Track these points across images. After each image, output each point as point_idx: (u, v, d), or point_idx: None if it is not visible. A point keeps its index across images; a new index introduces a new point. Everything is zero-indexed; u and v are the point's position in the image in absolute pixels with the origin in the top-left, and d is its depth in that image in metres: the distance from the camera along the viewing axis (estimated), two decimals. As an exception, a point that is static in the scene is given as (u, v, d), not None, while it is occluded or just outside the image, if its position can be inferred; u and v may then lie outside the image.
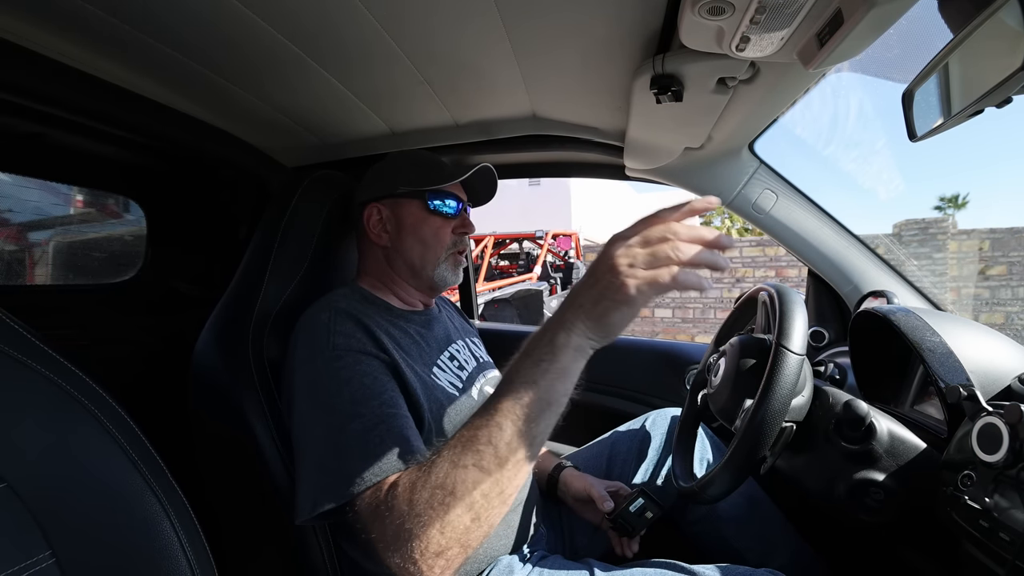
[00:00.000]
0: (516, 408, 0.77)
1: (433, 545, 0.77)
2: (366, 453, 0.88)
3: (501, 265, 9.71)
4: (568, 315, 0.77)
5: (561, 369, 0.77)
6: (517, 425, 0.76)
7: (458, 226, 1.27)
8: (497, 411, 0.77)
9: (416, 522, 0.77)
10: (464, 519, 0.77)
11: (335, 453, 0.91)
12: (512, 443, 0.77)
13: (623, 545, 1.28)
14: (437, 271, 1.25)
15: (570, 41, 1.08)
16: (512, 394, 0.77)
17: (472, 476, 0.77)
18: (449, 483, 0.77)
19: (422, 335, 1.20)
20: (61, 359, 0.66)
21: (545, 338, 0.78)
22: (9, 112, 1.22)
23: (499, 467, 0.77)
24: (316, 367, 1.00)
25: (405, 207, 1.24)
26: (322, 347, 1.02)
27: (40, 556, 0.59)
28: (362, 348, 1.03)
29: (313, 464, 0.93)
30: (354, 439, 0.91)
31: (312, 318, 1.09)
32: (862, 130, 37.44)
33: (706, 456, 1.38)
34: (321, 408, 0.96)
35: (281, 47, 1.08)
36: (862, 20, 0.69)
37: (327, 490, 0.89)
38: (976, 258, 8.69)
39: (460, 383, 1.18)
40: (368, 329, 1.06)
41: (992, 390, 0.87)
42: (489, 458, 0.77)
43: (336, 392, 0.96)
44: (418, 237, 1.23)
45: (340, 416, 0.93)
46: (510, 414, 0.77)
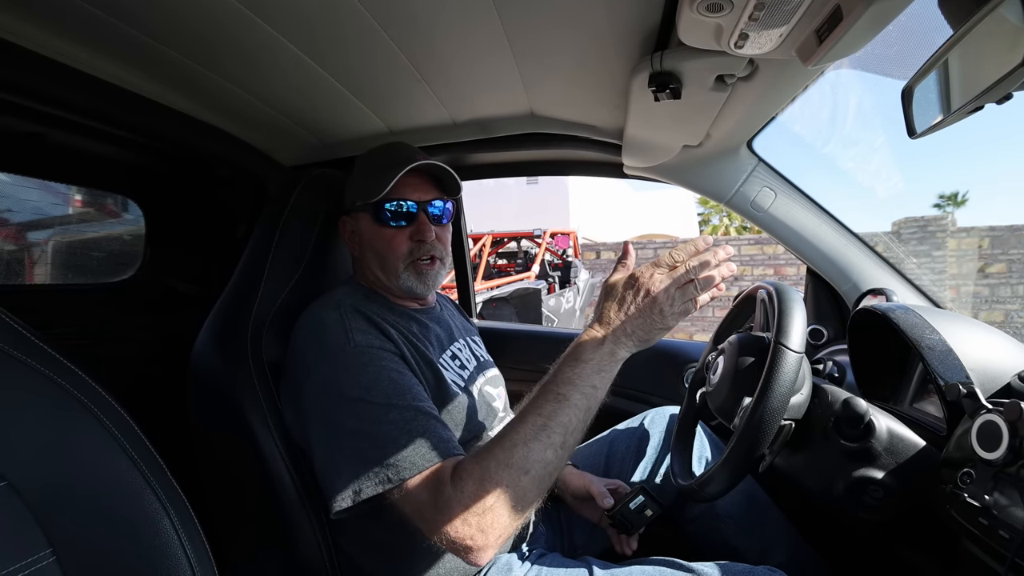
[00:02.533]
0: (582, 403, 0.91)
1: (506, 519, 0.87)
2: (412, 441, 0.93)
3: (499, 264, 9.70)
4: (622, 339, 0.94)
5: (611, 377, 0.95)
6: (580, 417, 0.92)
7: (413, 233, 1.21)
8: (567, 405, 0.91)
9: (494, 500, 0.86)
10: (532, 495, 0.89)
11: (376, 443, 0.94)
12: (576, 431, 0.92)
13: (622, 542, 1.28)
14: (400, 282, 1.20)
15: (568, 38, 1.08)
16: (579, 393, 0.91)
17: (548, 458, 0.89)
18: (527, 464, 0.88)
19: (424, 332, 1.20)
20: (61, 358, 0.66)
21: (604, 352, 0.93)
22: (8, 112, 1.21)
23: (564, 451, 0.91)
24: (339, 363, 1.01)
25: (361, 221, 1.23)
26: (342, 344, 1.03)
27: (41, 554, 0.59)
28: (382, 345, 1.05)
29: (350, 456, 0.95)
30: (396, 428, 0.94)
31: (320, 316, 1.09)
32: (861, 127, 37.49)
33: (705, 454, 1.38)
34: (352, 402, 0.97)
35: (279, 46, 1.08)
36: (861, 16, 0.69)
37: (372, 478, 0.92)
38: (975, 256, 8.71)
39: (461, 381, 1.18)
40: (380, 326, 1.08)
41: (991, 388, 0.87)
42: (558, 444, 0.90)
43: (367, 386, 0.98)
44: (374, 251, 1.21)
45: (376, 408, 0.96)
46: (577, 408, 0.91)
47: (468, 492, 0.86)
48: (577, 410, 0.91)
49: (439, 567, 1.09)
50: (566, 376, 0.93)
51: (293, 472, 1.10)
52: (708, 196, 1.62)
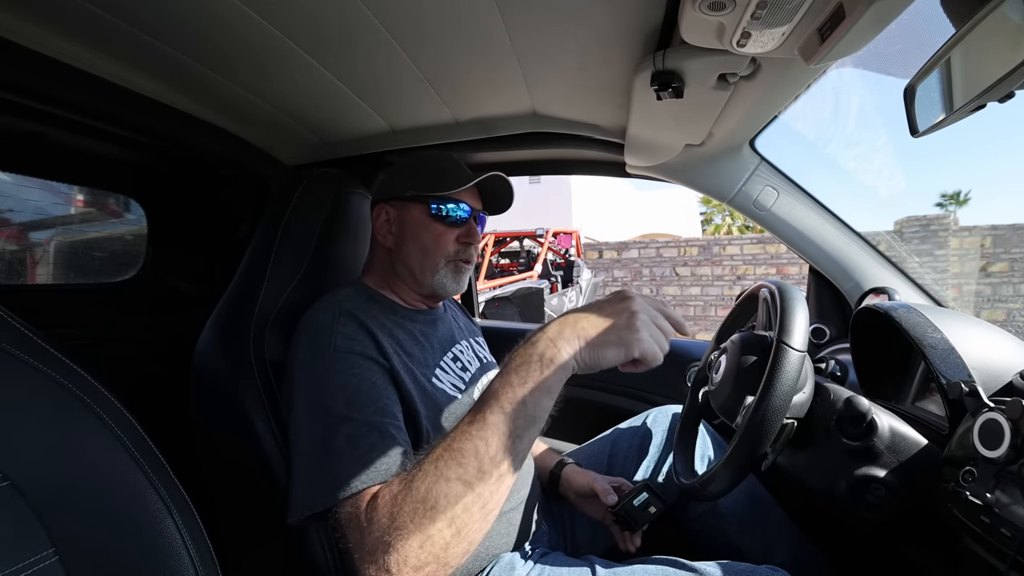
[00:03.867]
0: (503, 423, 0.78)
1: (412, 559, 0.76)
2: (354, 459, 0.89)
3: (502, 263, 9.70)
4: (566, 334, 0.81)
5: (548, 386, 0.79)
6: (502, 440, 0.77)
7: (463, 234, 1.23)
8: (484, 425, 0.78)
9: (396, 535, 0.76)
10: (445, 534, 0.77)
11: (325, 456, 0.91)
12: (496, 457, 0.77)
13: (625, 540, 1.28)
14: (436, 278, 1.21)
15: (570, 37, 1.08)
16: (499, 409, 0.78)
17: (455, 490, 0.77)
18: (432, 497, 0.77)
19: (425, 335, 1.19)
20: (63, 358, 0.66)
21: (535, 353, 0.80)
22: (9, 111, 1.22)
23: (482, 481, 0.77)
24: (315, 367, 1.00)
25: (409, 210, 1.22)
26: (323, 347, 1.02)
27: (44, 554, 0.59)
28: (363, 351, 1.02)
29: (305, 465, 0.94)
30: (344, 443, 0.91)
31: (315, 318, 1.09)
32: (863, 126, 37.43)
33: (707, 453, 1.38)
34: (317, 408, 0.96)
35: (281, 45, 1.08)
36: (863, 15, 0.69)
37: (316, 492, 0.89)
38: (978, 255, 8.69)
39: (463, 384, 1.18)
40: (371, 332, 1.06)
41: (994, 386, 0.87)
42: (472, 472, 0.77)
43: (332, 393, 0.96)
44: (418, 242, 1.21)
45: (333, 418, 0.93)
46: (496, 429, 0.78)
47: (375, 525, 0.79)
48: (496, 431, 0.77)
49: None
50: (489, 389, 0.82)
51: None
52: (711, 195, 1.62)
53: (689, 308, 10.62)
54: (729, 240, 10.53)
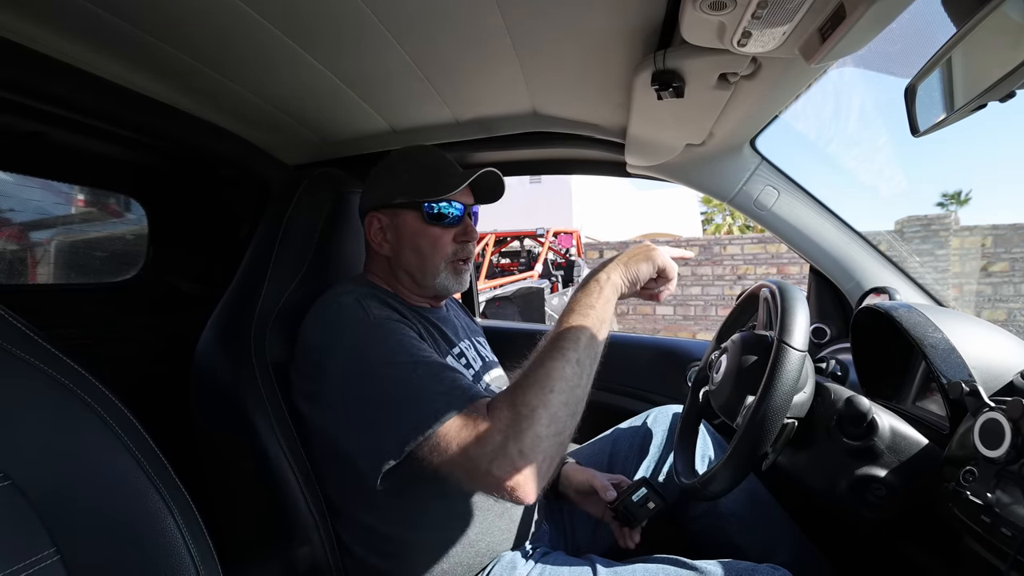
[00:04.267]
0: (587, 323, 0.97)
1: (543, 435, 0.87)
2: (443, 388, 0.95)
3: (502, 263, 9.71)
4: (608, 266, 1.05)
5: (607, 297, 1.01)
6: (587, 335, 0.96)
7: (459, 234, 1.23)
8: (572, 326, 0.96)
9: (525, 421, 0.86)
10: (563, 413, 0.90)
11: (408, 398, 0.94)
12: (587, 348, 0.95)
13: (625, 536, 1.28)
14: (438, 281, 1.22)
15: (570, 37, 1.08)
16: (581, 316, 0.98)
17: (568, 371, 0.91)
18: (549, 380, 0.90)
19: (432, 330, 1.20)
20: (64, 357, 0.66)
21: (591, 280, 1.04)
22: (10, 111, 1.22)
23: (580, 367, 0.93)
24: (360, 337, 1.03)
25: (403, 217, 1.21)
26: (361, 319, 1.05)
27: (45, 553, 0.59)
28: (399, 319, 1.08)
29: (385, 416, 0.95)
30: (426, 380, 0.96)
31: (334, 301, 1.10)
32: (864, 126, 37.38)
33: (708, 453, 1.38)
34: (380, 367, 0.98)
35: (282, 45, 1.08)
36: (864, 14, 0.69)
37: (412, 429, 0.91)
38: (978, 255, 8.68)
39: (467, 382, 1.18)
40: (394, 308, 1.11)
41: (994, 386, 0.87)
42: (573, 360, 0.93)
43: (392, 350, 1.00)
44: (416, 249, 1.21)
45: (403, 368, 0.97)
46: (583, 328, 0.96)
47: (503, 419, 0.87)
48: (583, 329, 0.96)
49: (444, 562, 1.09)
50: (565, 310, 1.02)
51: (296, 470, 1.10)
52: (711, 195, 1.62)
53: (690, 308, 10.61)
54: (730, 240, 10.52)
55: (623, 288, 1.04)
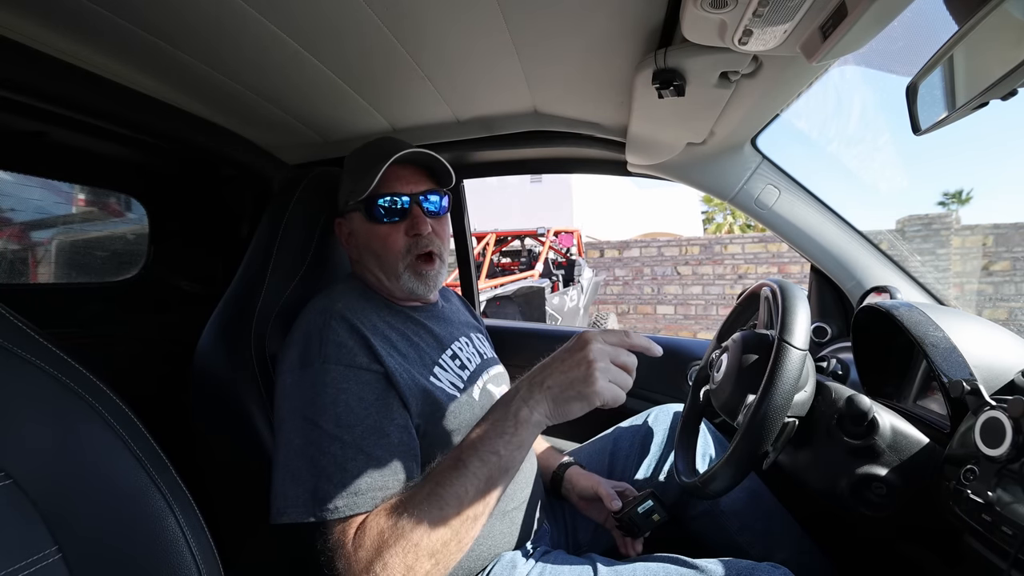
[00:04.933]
0: (481, 472, 0.86)
1: None
2: (342, 482, 0.91)
3: (503, 262, 9.69)
4: (535, 394, 0.88)
5: (520, 441, 0.88)
6: (479, 487, 0.86)
7: (408, 227, 1.16)
8: (464, 473, 0.86)
9: (382, 567, 0.83)
10: (426, 565, 0.84)
11: (310, 470, 0.92)
12: (475, 502, 0.86)
13: (627, 545, 1.28)
14: (401, 283, 1.17)
15: (571, 35, 1.08)
16: (478, 459, 0.86)
17: (438, 530, 0.84)
18: (416, 535, 0.84)
19: (420, 335, 1.17)
20: (65, 356, 0.66)
21: (510, 412, 0.88)
22: (11, 110, 1.22)
23: (460, 523, 0.86)
24: (304, 377, 0.99)
25: (355, 221, 1.19)
26: (313, 356, 1.00)
27: (47, 552, 0.59)
28: (352, 361, 1.00)
29: (288, 474, 0.94)
30: (332, 463, 0.92)
31: (308, 321, 1.07)
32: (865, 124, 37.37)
33: (708, 452, 1.38)
34: (305, 421, 0.96)
35: (283, 44, 1.08)
36: (865, 12, 0.69)
37: (298, 505, 0.91)
38: (980, 254, 8.68)
39: (461, 383, 1.16)
40: (362, 336, 1.04)
41: (995, 385, 0.87)
42: (452, 514, 0.85)
43: (322, 408, 0.95)
44: (371, 251, 1.17)
45: (321, 434, 0.94)
46: (474, 478, 0.86)
47: (362, 555, 0.85)
48: (475, 479, 0.85)
49: None
50: (470, 439, 0.89)
51: None
52: (712, 194, 1.61)
53: (690, 307, 10.61)
54: (731, 239, 10.52)
55: (544, 425, 0.88)
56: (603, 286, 10.89)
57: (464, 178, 2.04)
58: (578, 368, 0.86)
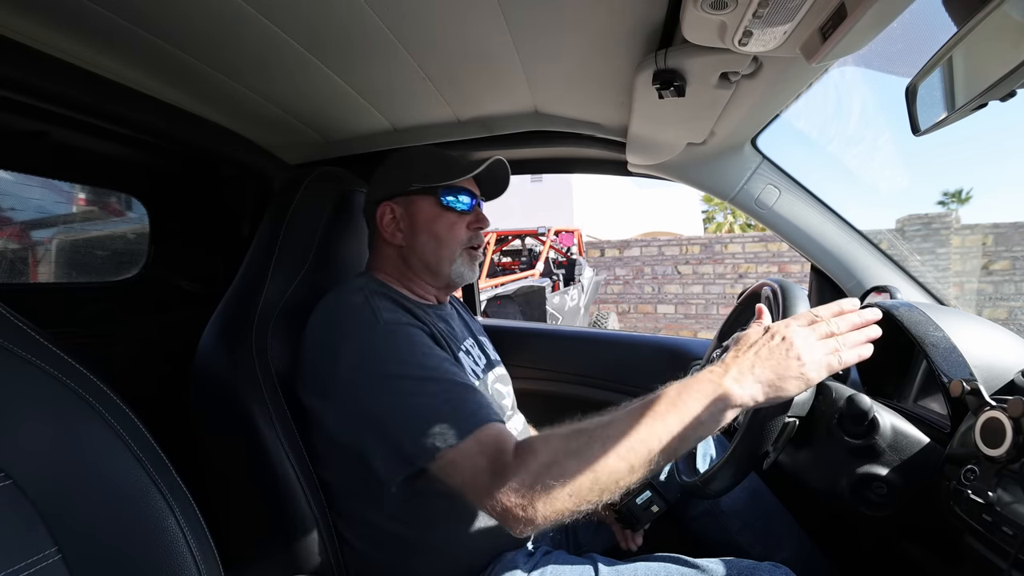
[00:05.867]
0: (677, 429, 0.85)
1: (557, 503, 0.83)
2: (455, 408, 0.94)
3: (503, 262, 9.69)
4: (747, 381, 0.87)
5: (719, 420, 0.86)
6: (669, 441, 0.85)
7: (472, 221, 1.25)
8: (662, 423, 0.85)
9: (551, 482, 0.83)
10: (591, 496, 0.84)
11: (419, 414, 0.94)
12: (660, 454, 0.85)
13: (627, 538, 1.28)
14: (453, 268, 1.23)
15: (572, 36, 1.08)
16: (680, 419, 0.86)
17: (620, 472, 0.84)
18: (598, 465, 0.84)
19: (439, 327, 1.18)
20: (65, 356, 0.66)
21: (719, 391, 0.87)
22: (11, 109, 1.22)
23: (640, 467, 0.85)
24: (370, 343, 1.02)
25: (418, 204, 1.22)
26: (372, 323, 1.03)
27: (47, 552, 0.59)
28: (408, 321, 1.06)
29: (395, 430, 0.95)
30: (437, 399, 0.95)
31: (343, 301, 1.10)
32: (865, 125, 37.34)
33: (709, 451, 1.38)
34: (389, 379, 0.97)
35: (282, 43, 1.08)
36: (865, 14, 0.69)
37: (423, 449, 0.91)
38: (979, 253, 8.68)
39: (479, 372, 1.20)
40: (404, 307, 1.10)
41: (995, 385, 0.87)
42: (638, 465, 0.84)
43: (402, 361, 0.99)
44: (432, 234, 1.21)
45: (414, 382, 0.96)
46: (670, 432, 0.85)
47: (531, 469, 0.85)
48: (668, 433, 0.85)
49: (445, 560, 1.09)
50: (669, 396, 0.88)
51: (297, 469, 1.10)
52: (712, 194, 1.62)
53: (691, 307, 10.61)
54: (731, 238, 10.53)
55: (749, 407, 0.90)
56: (604, 285, 10.89)
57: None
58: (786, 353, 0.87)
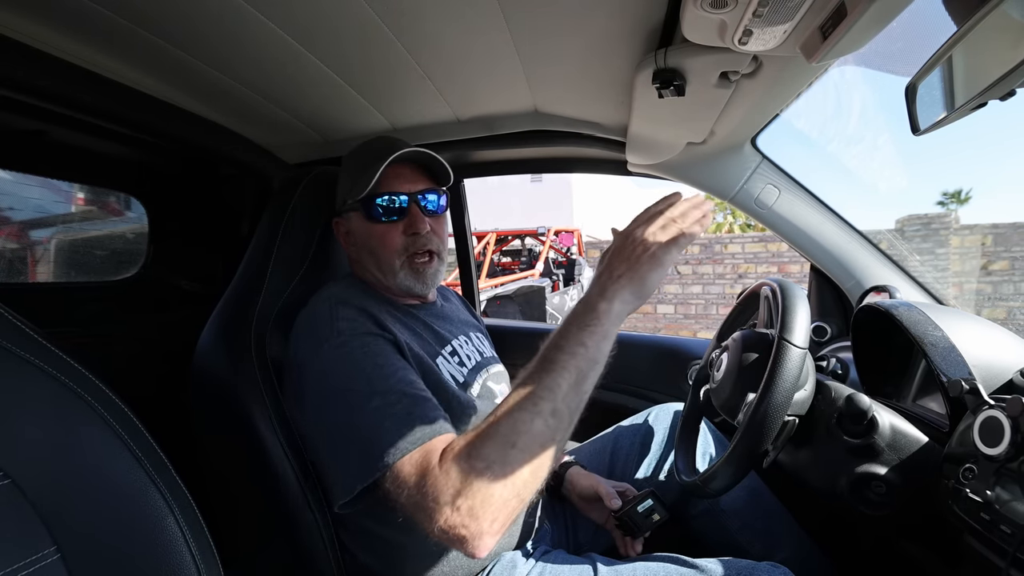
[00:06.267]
0: (571, 364, 0.85)
1: (496, 498, 0.80)
2: (396, 425, 0.89)
3: (503, 262, 9.70)
4: (609, 287, 0.89)
5: (604, 332, 0.88)
6: (571, 381, 0.85)
7: (406, 226, 1.17)
8: (553, 369, 0.85)
9: (479, 478, 0.80)
10: (525, 472, 0.81)
11: (360, 433, 0.91)
12: (568, 397, 0.84)
13: (627, 545, 1.28)
14: (398, 280, 1.18)
15: (572, 35, 1.08)
16: (566, 354, 0.86)
17: (536, 427, 0.82)
18: (513, 435, 0.81)
19: (420, 330, 1.19)
20: (64, 356, 0.66)
21: (589, 307, 0.89)
22: (10, 109, 1.22)
23: (556, 420, 0.83)
24: (324, 357, 1.00)
25: (353, 221, 1.20)
26: (326, 335, 1.01)
27: (46, 552, 0.59)
28: (367, 330, 1.02)
29: (339, 450, 0.94)
30: (379, 414, 0.91)
31: (312, 312, 1.09)
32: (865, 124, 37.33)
33: (709, 451, 1.38)
34: (338, 394, 0.96)
35: (284, 43, 1.08)
36: (865, 13, 0.69)
37: (361, 468, 0.89)
38: (979, 253, 8.68)
39: (461, 378, 1.18)
40: (370, 314, 1.06)
41: (994, 384, 0.87)
42: (548, 411, 0.83)
43: (350, 377, 0.96)
44: (368, 249, 1.18)
45: (359, 396, 0.94)
46: (565, 371, 0.85)
47: (454, 473, 0.81)
48: (565, 372, 0.84)
49: (442, 564, 1.09)
50: (553, 340, 0.89)
51: (296, 469, 1.10)
52: (712, 193, 1.61)
53: (691, 306, 10.60)
54: (731, 238, 10.51)
55: (629, 311, 0.90)
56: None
57: (464, 177, 2.04)
58: (636, 249, 0.91)
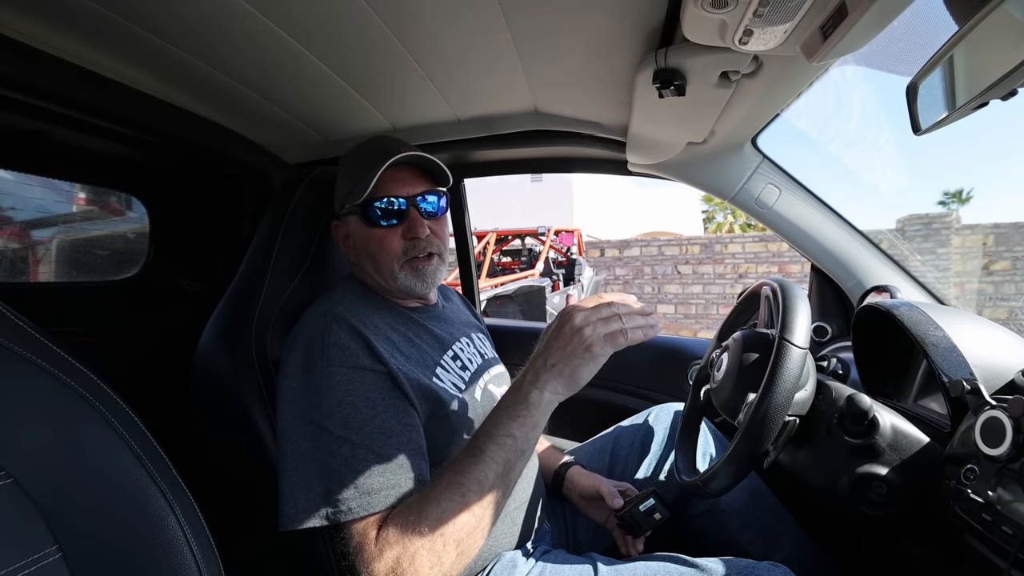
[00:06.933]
0: (498, 456, 0.90)
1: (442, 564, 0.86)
2: (354, 482, 0.91)
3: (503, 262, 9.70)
4: (542, 376, 0.93)
5: (533, 423, 0.92)
6: (497, 471, 0.90)
7: (405, 231, 1.15)
8: (482, 459, 0.90)
9: (410, 560, 0.85)
10: (452, 554, 0.87)
11: (321, 474, 0.92)
12: (495, 485, 0.90)
13: (628, 544, 1.28)
14: (398, 282, 1.16)
15: (572, 35, 1.08)
16: (495, 444, 0.90)
17: (462, 518, 0.87)
18: (441, 525, 0.86)
19: (421, 336, 1.18)
20: (66, 355, 0.66)
21: (520, 396, 0.93)
22: (12, 109, 1.22)
23: (483, 509, 0.89)
24: (308, 381, 0.99)
25: (351, 224, 1.19)
26: (316, 359, 1.00)
27: (47, 551, 0.59)
28: (356, 363, 1.00)
29: (298, 479, 0.93)
30: (344, 465, 0.92)
31: (309, 324, 1.07)
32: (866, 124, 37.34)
33: (709, 451, 1.38)
34: (312, 425, 0.95)
35: (283, 42, 1.08)
36: (866, 12, 0.69)
37: (310, 510, 0.91)
38: (980, 253, 8.68)
39: (463, 384, 1.17)
40: (364, 337, 1.04)
41: (995, 384, 0.87)
42: (474, 500, 0.88)
43: (328, 412, 0.95)
44: (367, 252, 1.17)
45: (330, 437, 0.94)
46: (492, 462, 0.90)
47: (388, 555, 0.85)
48: (493, 464, 0.89)
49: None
50: (484, 427, 0.93)
51: None
52: (712, 193, 1.61)
53: (691, 306, 10.61)
54: (731, 238, 10.52)
55: (559, 401, 0.94)
56: (603, 285, 10.89)
57: (464, 177, 2.04)
58: (572, 338, 0.92)
